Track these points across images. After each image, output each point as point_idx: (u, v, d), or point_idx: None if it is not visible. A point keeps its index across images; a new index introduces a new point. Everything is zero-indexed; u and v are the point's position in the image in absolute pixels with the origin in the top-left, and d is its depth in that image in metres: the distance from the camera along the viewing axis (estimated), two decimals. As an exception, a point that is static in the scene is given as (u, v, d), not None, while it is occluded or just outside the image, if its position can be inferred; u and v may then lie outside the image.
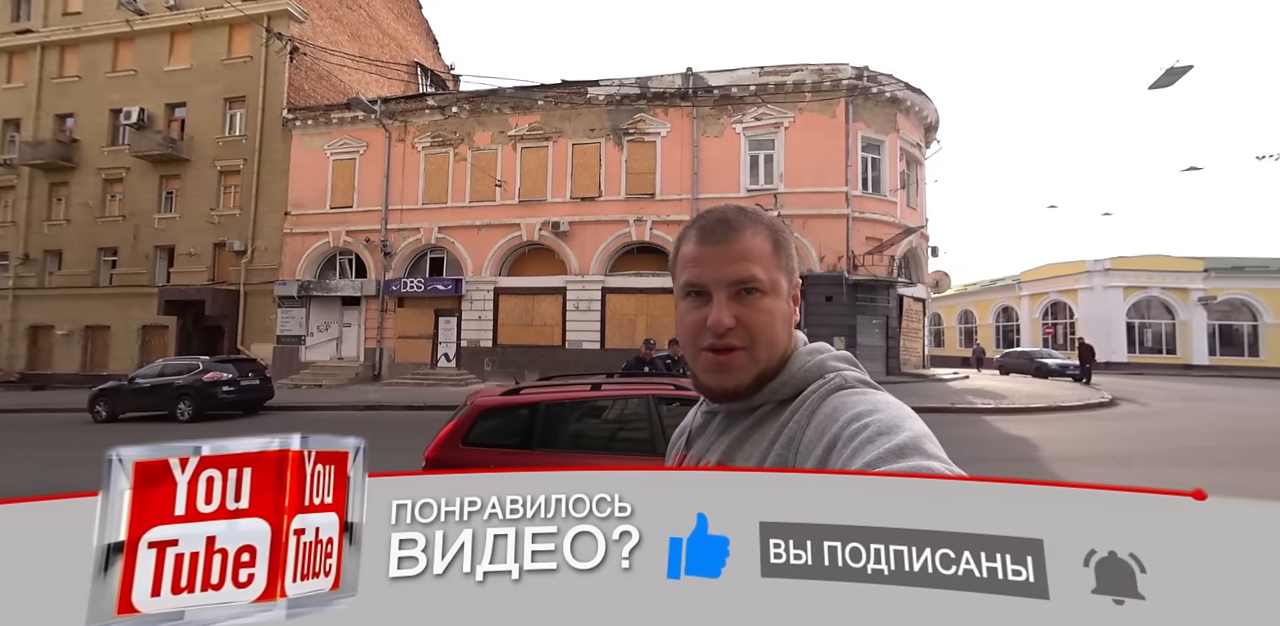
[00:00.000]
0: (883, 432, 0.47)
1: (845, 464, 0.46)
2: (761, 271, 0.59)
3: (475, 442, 3.07)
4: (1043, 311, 25.29)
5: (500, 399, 3.24)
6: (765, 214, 0.64)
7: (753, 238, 0.60)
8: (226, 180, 17.17)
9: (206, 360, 10.42)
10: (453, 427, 3.09)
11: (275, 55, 16.40)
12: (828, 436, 0.50)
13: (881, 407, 0.51)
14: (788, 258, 0.62)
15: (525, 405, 3.17)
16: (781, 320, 0.60)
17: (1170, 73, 9.20)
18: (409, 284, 15.44)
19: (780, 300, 0.60)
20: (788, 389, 0.60)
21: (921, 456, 0.44)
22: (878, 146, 14.31)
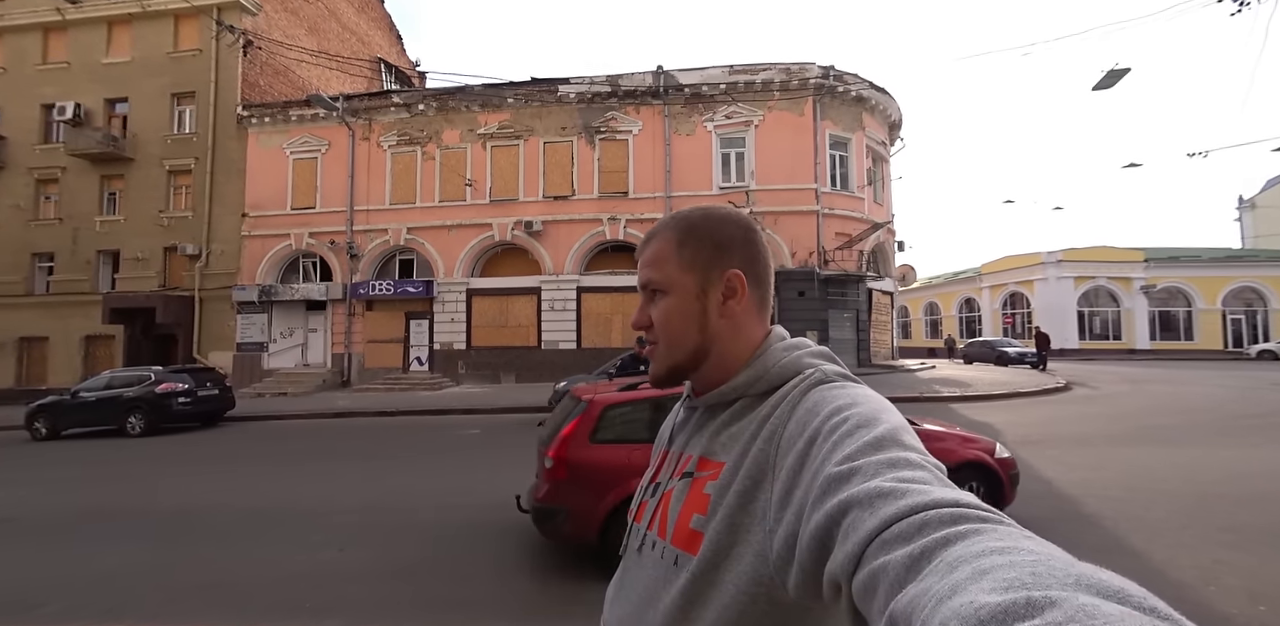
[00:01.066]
0: (861, 425, 0.48)
1: (826, 457, 0.46)
2: (658, 274, 0.64)
3: (604, 440, 3.22)
4: (1002, 302, 26.48)
5: (623, 395, 3.36)
6: (694, 215, 0.66)
7: (659, 242, 0.65)
8: (176, 180, 16.25)
9: (159, 370, 9.86)
10: (576, 426, 3.24)
11: (227, 49, 15.60)
12: (809, 430, 0.51)
13: (860, 401, 0.52)
14: (693, 253, 0.63)
15: (647, 399, 3.34)
16: (679, 317, 0.63)
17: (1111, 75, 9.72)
18: (378, 286, 14.97)
19: (682, 298, 0.63)
20: (763, 383, 0.60)
21: (899, 448, 0.45)
22: (845, 144, 14.68)
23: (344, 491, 5.08)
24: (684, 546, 0.56)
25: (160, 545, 3.78)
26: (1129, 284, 23.51)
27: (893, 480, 0.40)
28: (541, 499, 3.19)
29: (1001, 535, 0.32)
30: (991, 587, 0.26)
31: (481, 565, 3.27)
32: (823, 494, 0.44)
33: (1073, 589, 0.25)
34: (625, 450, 3.13)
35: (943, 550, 0.32)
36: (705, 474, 0.59)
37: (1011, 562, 0.28)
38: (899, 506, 0.37)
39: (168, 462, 6.93)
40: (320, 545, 3.65)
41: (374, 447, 7.47)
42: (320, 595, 2.92)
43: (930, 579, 0.30)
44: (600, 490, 3.09)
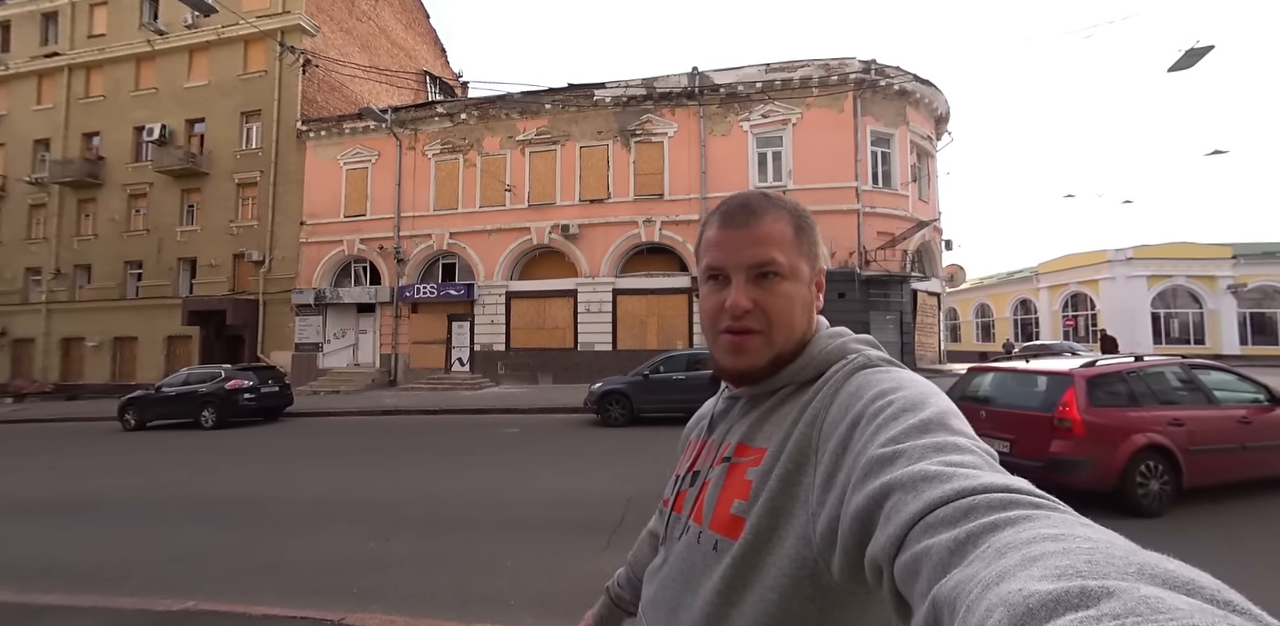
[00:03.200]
0: (907, 409, 0.46)
1: (869, 440, 0.45)
2: (781, 255, 0.59)
3: (1101, 404, 4.06)
4: (1062, 303, 24.67)
5: (1098, 369, 4.27)
6: (789, 199, 0.64)
7: (774, 222, 0.60)
8: (244, 192, 17.60)
9: (228, 368, 10.67)
10: (1074, 395, 4.04)
11: (289, 68, 16.80)
12: (851, 413, 0.50)
13: (906, 385, 0.50)
14: (810, 243, 0.62)
15: (1118, 372, 4.25)
16: (800, 305, 0.60)
17: (1190, 54, 8.92)
18: (422, 290, 15.64)
19: (800, 285, 0.60)
20: (809, 370, 0.59)
21: (947, 432, 0.43)
22: (887, 140, 14.15)
23: (391, 485, 5.33)
24: (724, 531, 0.55)
25: (227, 528, 4.09)
26: (1214, 283, 21.37)
27: (939, 463, 0.39)
28: (1063, 452, 3.94)
29: (1055, 522, 0.30)
30: (1042, 575, 0.25)
31: (518, 558, 3.35)
32: (865, 475, 0.42)
33: (1134, 578, 0.23)
34: (1119, 412, 4.02)
35: (990, 535, 0.30)
36: (746, 459, 0.58)
37: (1065, 549, 0.26)
38: (944, 490, 0.35)
39: (234, 454, 7.48)
40: (368, 535, 3.84)
41: (419, 444, 7.79)
42: (366, 581, 3.07)
43: (977, 564, 0.29)
44: (1113, 444, 3.89)
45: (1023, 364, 4.91)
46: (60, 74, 19.32)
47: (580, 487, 4.95)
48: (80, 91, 19.22)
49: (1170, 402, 4.21)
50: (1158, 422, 4.02)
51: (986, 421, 4.51)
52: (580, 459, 6.36)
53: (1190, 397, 4.30)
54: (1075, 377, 4.12)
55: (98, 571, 3.34)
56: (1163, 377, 4.39)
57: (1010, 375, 4.78)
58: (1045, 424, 4.08)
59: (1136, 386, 4.20)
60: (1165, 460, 3.95)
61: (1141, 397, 4.15)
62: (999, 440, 4.38)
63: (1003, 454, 4.35)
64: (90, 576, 3.26)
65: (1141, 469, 3.90)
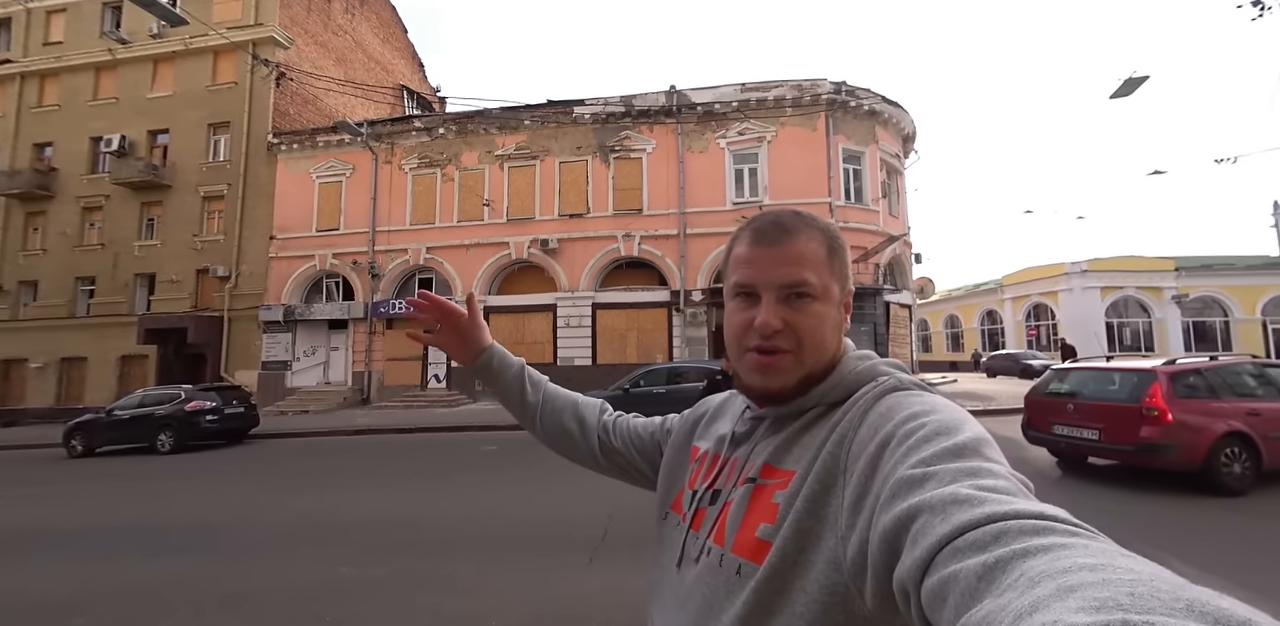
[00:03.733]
0: (940, 432, 0.45)
1: (900, 461, 0.44)
2: (814, 276, 0.58)
3: (1183, 396, 4.67)
4: (1025, 313, 25.78)
5: (1177, 367, 4.89)
6: (822, 219, 0.63)
7: (807, 242, 0.59)
8: (210, 205, 17.00)
9: (189, 389, 10.14)
10: (1159, 388, 4.66)
11: (261, 81, 16.48)
12: (881, 434, 0.49)
13: (940, 409, 0.49)
14: (841, 264, 0.61)
15: (1194, 370, 4.90)
16: (831, 326, 0.59)
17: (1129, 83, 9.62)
18: (397, 305, 15.29)
19: (831, 306, 0.59)
20: (839, 391, 0.58)
21: (980, 458, 0.42)
22: (858, 158, 14.71)
23: (363, 507, 5.12)
24: (749, 555, 0.53)
25: (187, 558, 3.85)
26: (1160, 294, 22.72)
27: (971, 487, 0.37)
28: (1152, 437, 4.52)
29: (1094, 551, 0.28)
30: (1080, 607, 0.22)
31: (498, 578, 3.25)
32: (893, 496, 0.41)
33: (1182, 615, 0.21)
34: (1201, 403, 4.63)
35: (1021, 562, 0.29)
36: (773, 482, 0.56)
37: (1105, 580, 0.24)
38: (975, 514, 0.34)
39: (195, 479, 7.07)
40: (340, 560, 3.67)
41: (393, 464, 7.53)
42: (339, 609, 2.93)
43: (1009, 594, 0.27)
44: (1198, 431, 4.45)
45: (1105, 363, 5.59)
46: (11, 82, 18.46)
47: (561, 504, 4.86)
48: (33, 100, 18.39)
49: (1246, 395, 4.81)
50: (1237, 413, 4.59)
51: (1075, 413, 5.19)
52: (560, 475, 6.24)
53: (1264, 391, 4.91)
54: (1159, 374, 4.77)
55: (39, 610, 3.09)
56: (1236, 374, 5.01)
57: (1094, 373, 5.44)
58: (1134, 413, 4.68)
59: (1213, 381, 4.83)
60: (1246, 446, 4.49)
61: (1219, 391, 4.77)
62: (1089, 429, 5.03)
63: (1093, 441, 5.04)
64: (30, 615, 3.01)
65: (1225, 453, 4.44)
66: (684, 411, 0.82)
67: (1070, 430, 5.23)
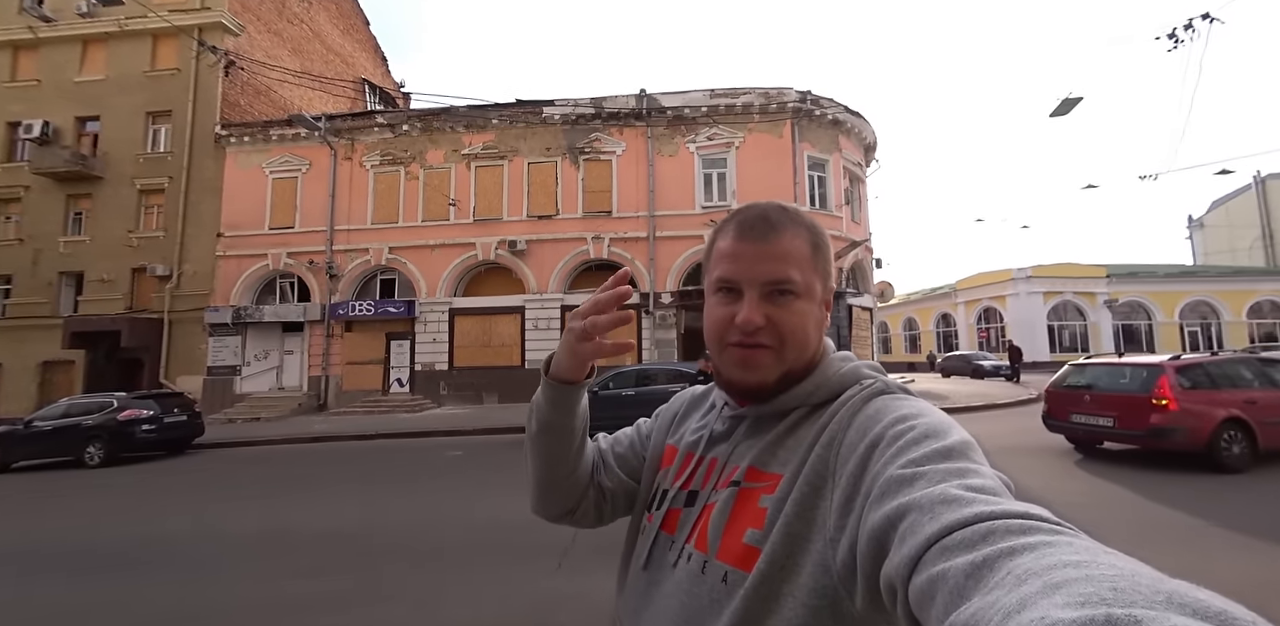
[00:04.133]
0: (929, 435, 0.45)
1: (889, 461, 0.44)
2: (798, 274, 0.57)
3: (1186, 387, 5.30)
4: (977, 316, 27.25)
5: (1182, 361, 5.58)
6: (807, 215, 0.62)
7: (793, 239, 0.58)
8: (148, 200, 15.84)
9: (123, 397, 9.40)
10: (1167, 380, 5.27)
11: (207, 69, 15.50)
12: (870, 435, 0.49)
13: (927, 413, 0.50)
14: (825, 262, 0.61)
15: (1200, 364, 5.59)
16: (813, 323, 0.59)
17: (1066, 103, 10.34)
18: (358, 307, 14.69)
19: (813, 304, 0.59)
20: (822, 392, 0.58)
21: (968, 461, 0.42)
22: (822, 165, 15.18)
23: (319, 518, 4.88)
24: (736, 562, 0.52)
25: (124, 578, 3.55)
26: (1094, 299, 24.49)
27: (959, 487, 0.38)
28: (1161, 423, 5.17)
29: (1078, 548, 0.29)
30: (1065, 603, 0.23)
31: (466, 586, 3.17)
32: (882, 495, 0.42)
33: (1163, 607, 0.22)
34: (1204, 393, 5.27)
35: (1009, 560, 0.30)
36: (759, 486, 0.55)
37: (1089, 576, 0.25)
38: (963, 513, 0.35)
39: (128, 493, 6.57)
40: (297, 573, 3.49)
41: (353, 471, 7.22)
42: (297, 624, 2.79)
43: (997, 591, 0.27)
44: (1201, 417, 5.10)
45: (1118, 359, 6.28)
46: (-88, 59, 16.68)
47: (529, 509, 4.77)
48: (-62, 80, 16.68)
49: (1244, 386, 5.46)
50: (1235, 401, 5.23)
51: (1091, 403, 5.88)
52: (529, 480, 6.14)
53: (1260, 382, 5.56)
54: (1166, 368, 5.45)
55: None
56: (1236, 368, 5.67)
57: (1108, 368, 6.11)
58: (1144, 403, 5.34)
59: (1215, 374, 5.49)
60: (1243, 430, 5.16)
61: (1220, 382, 5.43)
62: (1104, 417, 5.72)
63: (1107, 427, 5.71)
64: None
65: (1225, 436, 5.10)
66: (659, 408, 0.79)
67: (1087, 418, 5.93)
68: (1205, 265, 29.53)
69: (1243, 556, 3.22)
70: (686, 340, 14.02)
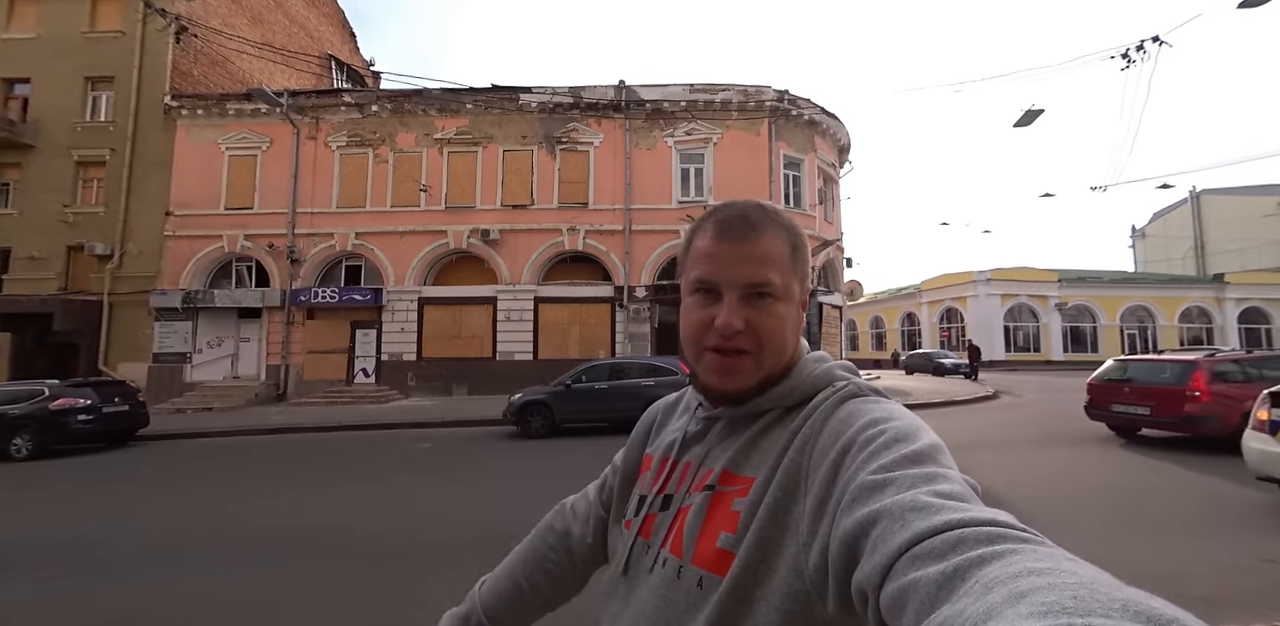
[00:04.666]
0: (899, 439, 0.46)
1: (860, 467, 0.45)
2: (778, 276, 0.57)
3: (1218, 381, 5.93)
4: (939, 316, 28.40)
5: (1216, 359, 6.21)
6: (786, 214, 0.61)
7: (773, 240, 0.58)
8: (87, 172, 14.72)
9: (55, 384, 8.75)
10: (1200, 375, 5.94)
11: (155, 33, 14.42)
12: (842, 440, 0.49)
13: (897, 416, 0.50)
14: (803, 263, 0.60)
15: (1238, 360, 6.35)
16: (791, 327, 0.59)
17: (1028, 114, 10.83)
18: (321, 294, 14.10)
19: (791, 306, 0.59)
20: (796, 395, 0.58)
21: (936, 465, 0.43)
22: (798, 165, 15.41)
23: (275, 512, 4.69)
24: (710, 567, 0.52)
25: (55, 581, 3.31)
26: (1046, 301, 25.87)
27: (929, 494, 0.39)
28: (1194, 412, 5.80)
29: (1041, 556, 0.30)
30: (1029, 612, 0.24)
31: (435, 585, 3.10)
32: (853, 501, 0.42)
33: (1119, 616, 0.23)
34: (1235, 387, 5.87)
35: (978, 569, 0.30)
36: (732, 489, 0.55)
37: (1051, 585, 0.26)
38: (933, 522, 0.35)
39: (59, 488, 6.13)
40: (248, 571, 3.35)
41: (313, 465, 6.97)
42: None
43: (964, 600, 0.28)
44: (1230, 406, 5.69)
45: (1157, 355, 7.00)
46: None
47: (501, 504, 4.72)
48: None
49: (1273, 381, 5.82)
50: None
51: (1131, 394, 6.59)
52: (500, 473, 6.10)
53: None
54: (1201, 364, 6.10)
55: None
56: (1266, 365, 6.27)
57: (1148, 364, 6.84)
58: (1179, 394, 6.02)
59: (1247, 369, 6.11)
60: None
61: (1251, 377, 6.04)
62: (1142, 407, 6.43)
63: (1144, 416, 6.43)
64: None
65: None
66: (639, 421, 0.78)
67: (1126, 408, 6.69)
68: (1145, 273, 31.61)
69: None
70: (660, 334, 14.08)
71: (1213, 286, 26.47)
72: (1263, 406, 4.25)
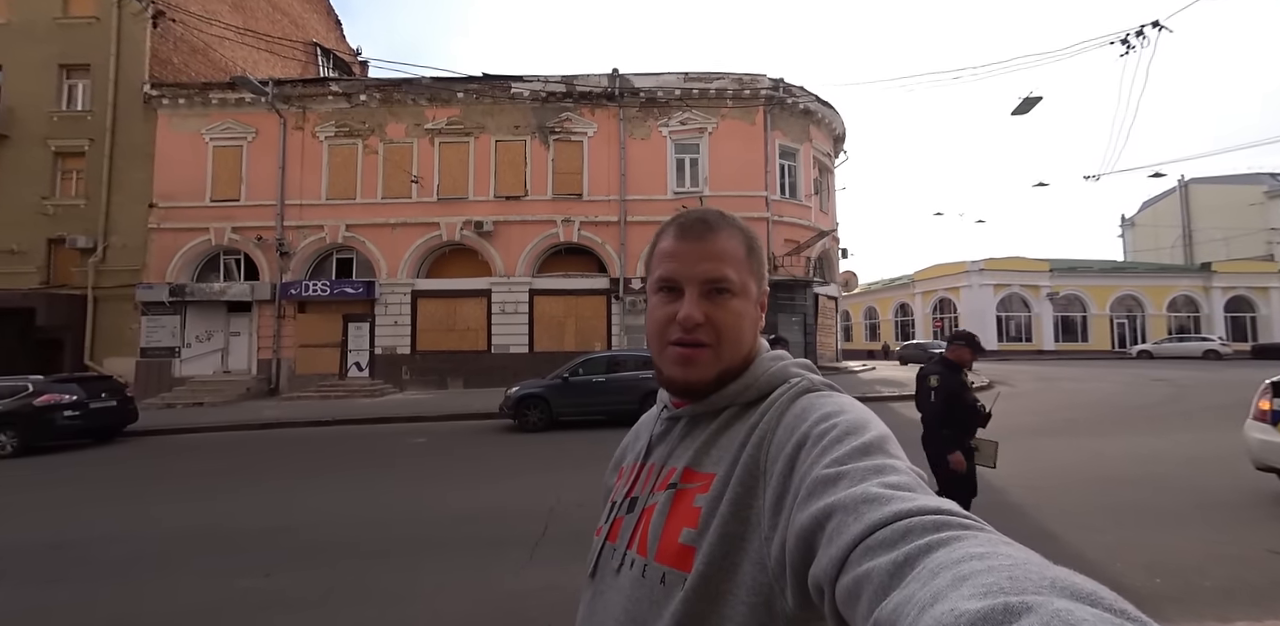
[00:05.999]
0: (850, 432, 0.48)
1: (815, 461, 0.46)
2: (733, 272, 0.60)
3: None
4: (933, 307, 28.60)
5: None
6: (741, 220, 0.65)
7: (728, 239, 0.62)
8: (65, 163, 14.33)
9: (39, 380, 8.57)
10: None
11: (132, 18, 13.97)
12: (797, 435, 0.51)
13: (847, 409, 0.52)
14: (758, 264, 0.64)
15: None
16: (748, 322, 0.61)
17: (1027, 102, 10.76)
18: (312, 287, 13.90)
19: (749, 303, 0.62)
20: (752, 392, 0.60)
21: (885, 456, 0.45)
22: (793, 154, 15.30)
23: (270, 509, 4.63)
24: (673, 563, 0.53)
25: (45, 582, 3.24)
26: (1037, 291, 26.10)
27: (879, 485, 0.40)
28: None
29: (981, 541, 0.32)
30: (971, 594, 0.27)
31: (433, 580, 3.07)
32: (809, 495, 0.43)
33: (1048, 593, 0.26)
34: None
35: (925, 556, 0.32)
36: (693, 486, 0.56)
37: (990, 568, 0.29)
38: (884, 512, 0.37)
39: (47, 487, 6.02)
40: (242, 571, 3.29)
41: (306, 460, 6.91)
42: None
43: (913, 586, 0.30)
44: None
45: None
46: None
47: (498, 498, 4.70)
48: None
49: None
50: None
51: None
52: (497, 467, 6.06)
53: None
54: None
55: None
56: None
57: None
58: None
59: None
60: None
61: None
62: None
63: None
64: None
65: None
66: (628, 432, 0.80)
67: None
68: (1134, 262, 31.93)
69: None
70: (656, 326, 14.03)
71: (1200, 275, 26.80)
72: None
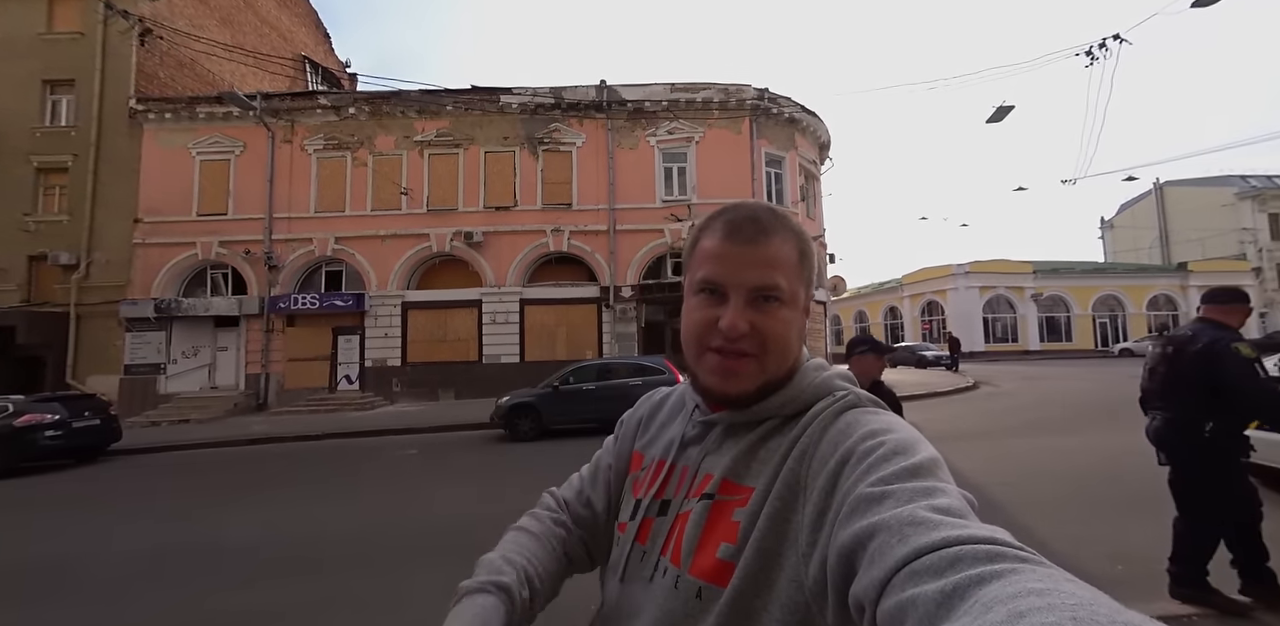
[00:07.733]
0: (898, 452, 0.46)
1: (859, 478, 0.44)
2: (785, 281, 0.56)
3: None
4: (921, 310, 28.96)
5: None
6: (794, 220, 0.61)
7: (782, 243, 0.57)
8: (48, 179, 14.18)
9: (19, 400, 8.42)
10: None
11: (119, 34, 13.95)
12: (841, 450, 0.49)
13: (896, 428, 0.50)
14: (810, 269, 0.60)
15: None
16: (795, 332, 0.58)
17: (1000, 110, 11.12)
18: (301, 300, 13.81)
19: (797, 312, 0.58)
20: (796, 403, 0.57)
21: (934, 479, 0.43)
22: (779, 162, 15.56)
23: (258, 524, 4.58)
24: (710, 578, 0.51)
25: (24, 604, 3.18)
26: (1022, 293, 26.57)
27: (927, 509, 0.38)
28: None
29: (1041, 576, 0.30)
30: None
31: (423, 593, 3.06)
32: (851, 512, 0.42)
33: None
34: None
35: (977, 589, 0.30)
36: (732, 498, 0.54)
37: (1050, 605, 0.26)
38: (932, 538, 0.35)
39: (28, 508, 5.90)
40: (229, 585, 3.27)
41: (296, 474, 6.84)
42: None
43: (964, 619, 0.28)
44: None
45: None
46: None
47: (491, 508, 4.68)
48: None
49: None
50: None
51: None
52: (489, 477, 6.06)
53: None
54: None
55: None
56: None
57: None
58: None
59: None
60: None
61: None
62: None
63: None
64: None
65: None
66: (624, 416, 0.76)
67: None
68: (1114, 263, 32.66)
69: None
70: (647, 334, 14.11)
71: (1177, 275, 27.47)
72: None
